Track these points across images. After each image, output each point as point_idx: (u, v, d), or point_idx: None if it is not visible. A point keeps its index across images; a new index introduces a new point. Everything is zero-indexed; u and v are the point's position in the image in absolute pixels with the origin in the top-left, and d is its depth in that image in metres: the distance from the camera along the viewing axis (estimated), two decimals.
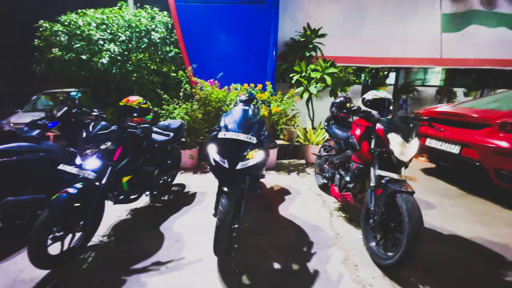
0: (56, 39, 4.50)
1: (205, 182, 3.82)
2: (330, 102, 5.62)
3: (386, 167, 2.02)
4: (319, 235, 2.36)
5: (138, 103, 2.41)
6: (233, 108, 2.20)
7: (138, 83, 4.85)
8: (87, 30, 4.44)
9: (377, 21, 5.92)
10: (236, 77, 4.74)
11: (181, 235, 2.39)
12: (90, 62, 4.40)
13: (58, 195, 1.81)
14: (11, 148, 2.32)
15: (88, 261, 2.04)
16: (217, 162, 1.93)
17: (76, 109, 3.14)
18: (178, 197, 3.30)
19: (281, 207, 2.94)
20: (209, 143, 2.07)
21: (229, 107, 4.30)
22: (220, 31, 4.88)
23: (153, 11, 5.07)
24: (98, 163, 1.98)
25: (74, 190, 1.87)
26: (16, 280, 1.83)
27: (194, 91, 4.39)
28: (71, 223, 1.95)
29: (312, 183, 3.66)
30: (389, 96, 2.32)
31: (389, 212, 1.92)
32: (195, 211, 2.88)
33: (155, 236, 2.38)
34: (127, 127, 2.17)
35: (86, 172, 1.91)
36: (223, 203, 1.82)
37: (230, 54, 4.92)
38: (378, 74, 7.49)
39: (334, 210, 2.86)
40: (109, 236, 2.38)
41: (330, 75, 4.68)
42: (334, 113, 3.07)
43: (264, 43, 4.88)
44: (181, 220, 2.68)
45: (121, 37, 4.56)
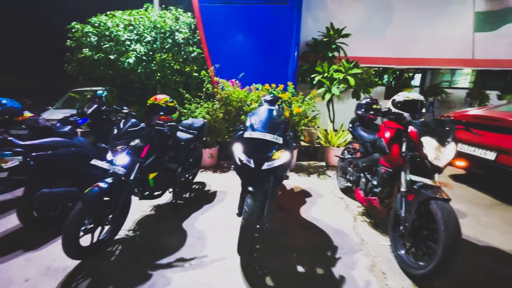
0: (86, 40, 4.71)
1: (225, 181, 3.85)
2: (351, 103, 5.53)
3: (418, 172, 1.93)
4: (343, 240, 2.29)
5: (165, 101, 2.46)
6: (259, 108, 2.19)
7: (161, 83, 4.97)
8: (116, 31, 4.61)
9: (403, 20, 5.70)
10: (257, 77, 4.73)
11: (203, 232, 2.41)
12: (117, 62, 4.57)
13: (90, 189, 1.88)
14: (47, 143, 2.45)
15: (115, 253, 2.10)
16: (243, 162, 1.92)
17: (105, 107, 3.27)
18: (199, 195, 3.34)
19: (303, 209, 2.89)
20: (234, 143, 2.07)
21: (249, 107, 4.31)
22: (242, 31, 4.89)
23: (178, 12, 5.17)
24: (127, 159, 2.04)
25: (105, 185, 1.93)
26: (50, 268, 1.92)
27: (216, 91, 4.43)
28: (101, 216, 2.02)
29: (333, 186, 3.58)
30: (421, 98, 2.22)
31: (421, 219, 1.83)
32: (216, 210, 2.89)
33: (178, 232, 2.42)
34: (154, 125, 2.22)
35: (117, 167, 1.97)
36: (248, 203, 1.81)
37: (252, 54, 4.92)
38: (402, 75, 7.21)
39: (358, 214, 2.77)
40: (134, 231, 2.45)
41: (353, 76, 4.57)
42: (359, 115, 2.98)
43: (286, 43, 4.84)
44: (203, 218, 2.70)
45: (147, 37, 4.69)
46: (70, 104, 6.25)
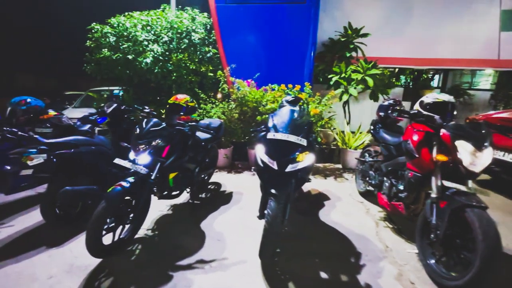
0: (105, 40, 4.79)
1: (240, 182, 3.82)
2: (368, 105, 5.41)
3: (449, 177, 1.83)
4: (367, 246, 2.21)
5: (186, 101, 2.45)
6: (281, 109, 2.14)
7: (177, 82, 5.00)
8: (134, 31, 4.67)
9: (423, 19, 5.51)
10: (272, 77, 4.69)
11: (222, 234, 2.38)
12: (135, 62, 4.62)
13: (113, 188, 1.88)
14: (70, 141, 2.48)
15: (136, 253, 2.10)
16: (265, 163, 1.88)
17: (124, 106, 3.31)
18: (215, 196, 3.32)
19: (322, 212, 2.82)
20: (256, 144, 2.04)
21: (265, 108, 4.27)
22: (258, 31, 4.86)
23: (194, 13, 5.20)
24: (149, 159, 2.04)
25: (127, 184, 1.93)
26: (73, 266, 1.93)
27: (232, 91, 4.41)
28: (122, 215, 2.02)
29: (352, 189, 3.48)
30: (452, 100, 2.11)
31: (453, 228, 1.73)
32: (233, 211, 2.86)
33: (196, 233, 2.40)
34: (175, 125, 2.21)
35: (139, 167, 1.97)
36: (272, 206, 1.77)
37: (267, 55, 4.88)
38: (420, 76, 6.99)
39: (380, 219, 2.68)
40: (153, 230, 2.45)
41: (371, 76, 4.45)
42: (381, 117, 2.89)
43: (303, 43, 4.77)
44: (220, 219, 2.68)
45: (164, 38, 4.73)
46: (88, 103, 6.39)
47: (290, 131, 1.90)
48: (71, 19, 15.47)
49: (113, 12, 5.17)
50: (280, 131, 1.91)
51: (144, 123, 2.10)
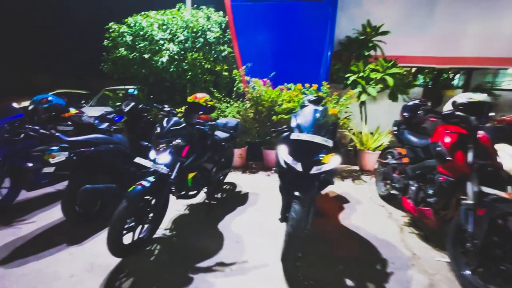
0: (122, 40, 4.84)
1: (255, 182, 3.76)
2: (386, 105, 5.24)
3: (486, 182, 1.71)
4: (392, 253, 2.11)
5: (205, 100, 2.42)
6: (304, 109, 2.06)
7: (191, 82, 4.99)
8: (150, 30, 4.69)
9: (446, 16, 5.28)
10: (288, 76, 4.60)
11: (240, 236, 2.33)
12: (151, 61, 4.65)
13: (133, 187, 1.86)
14: (90, 139, 2.49)
15: (155, 253, 2.08)
16: (289, 165, 1.81)
17: (142, 105, 3.31)
18: (231, 196, 3.28)
19: (342, 216, 2.73)
20: (279, 144, 1.97)
21: (281, 107, 4.19)
22: (274, 30, 4.78)
23: (209, 12, 5.18)
24: (169, 158, 2.01)
25: (148, 183, 1.91)
26: (93, 264, 1.93)
27: (247, 90, 4.36)
28: (142, 215, 2.00)
29: (371, 192, 3.36)
30: (488, 100, 1.98)
31: (492, 236, 1.61)
32: (250, 212, 2.81)
33: (214, 234, 2.36)
34: (195, 124, 2.18)
35: (160, 166, 1.94)
36: (296, 209, 1.70)
37: (283, 54, 4.80)
38: (440, 75, 6.73)
39: (404, 225, 2.56)
40: (171, 230, 2.43)
41: (391, 75, 4.30)
42: (406, 117, 2.76)
43: (320, 42, 4.66)
44: (238, 220, 2.63)
45: (180, 37, 4.73)
46: (104, 102, 6.48)
47: (315, 132, 1.83)
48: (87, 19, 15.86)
49: (130, 12, 5.21)
50: (305, 131, 1.84)
51: (165, 122, 2.07)
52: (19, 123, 2.70)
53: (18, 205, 2.86)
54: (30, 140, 2.66)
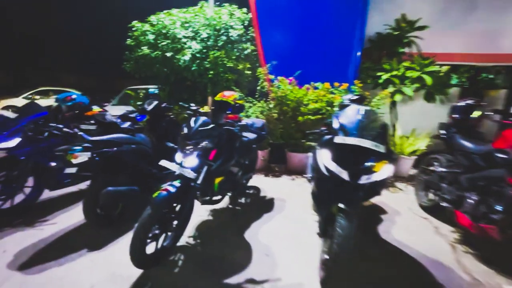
0: (145, 38, 4.79)
1: (279, 186, 3.55)
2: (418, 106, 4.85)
3: None
4: (448, 276, 1.82)
5: (234, 99, 2.23)
6: (347, 109, 1.83)
7: (213, 81, 4.86)
8: (173, 28, 4.60)
9: (489, 9, 4.82)
10: (314, 75, 4.34)
11: (269, 248, 2.12)
12: (173, 60, 4.56)
13: (158, 193, 1.71)
14: (113, 139, 2.38)
15: (178, 264, 1.92)
16: (332, 173, 1.58)
17: (165, 104, 3.19)
18: (255, 201, 3.08)
19: (381, 228, 2.45)
20: (319, 148, 1.75)
21: (307, 107, 3.95)
22: (300, 26, 4.54)
23: (232, 8, 5.03)
24: (196, 162, 1.84)
25: (173, 189, 1.75)
26: (114, 274, 1.79)
27: (271, 89, 4.16)
28: (166, 222, 1.85)
29: (410, 202, 3.04)
30: None
31: None
32: (278, 220, 2.60)
33: (241, 244, 2.17)
34: (223, 124, 2.00)
35: (186, 170, 1.77)
36: (342, 224, 1.47)
37: (309, 51, 4.54)
38: (478, 74, 6.19)
39: (455, 242, 2.25)
40: (195, 238, 2.26)
41: (429, 74, 3.94)
42: (457, 120, 2.44)
43: (349, 38, 4.37)
44: (265, 229, 2.42)
45: (202, 34, 4.60)
46: (126, 101, 6.51)
47: (363, 135, 1.59)
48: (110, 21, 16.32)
49: (152, 11, 5.16)
50: (351, 134, 1.61)
51: (192, 121, 1.90)
52: (43, 121, 2.65)
53: (41, 204, 2.82)
54: (54, 138, 2.60)
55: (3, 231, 2.31)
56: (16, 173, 2.52)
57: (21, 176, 2.53)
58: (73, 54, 22.34)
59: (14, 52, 18.79)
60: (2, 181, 2.48)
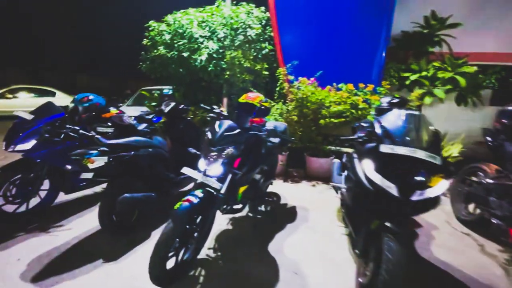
0: (161, 38, 4.71)
1: (300, 193, 3.36)
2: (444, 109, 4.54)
3: None
4: None
5: (260, 101, 2.07)
6: (390, 113, 1.63)
7: (229, 81, 4.73)
8: (190, 28, 4.49)
9: None
10: (335, 76, 4.13)
11: (298, 265, 1.94)
12: (189, 60, 4.45)
13: (180, 204, 1.56)
14: (130, 143, 2.26)
15: (199, 281, 1.76)
16: (377, 186, 1.39)
17: (183, 105, 3.07)
18: (276, 210, 2.91)
19: (419, 245, 2.22)
20: (357, 157, 1.56)
21: (329, 110, 3.75)
22: (321, 25, 4.35)
23: (250, 7, 4.87)
24: (221, 170, 1.68)
25: (196, 199, 1.60)
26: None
27: (292, 90, 3.97)
28: (188, 235, 1.70)
29: (446, 214, 2.78)
30: None
31: None
32: (304, 232, 2.41)
33: (266, 259, 2.00)
34: (249, 129, 1.83)
35: (211, 180, 1.61)
36: (392, 247, 1.27)
37: (331, 51, 4.34)
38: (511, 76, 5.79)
39: (507, 264, 2.00)
40: (215, 250, 2.10)
41: (462, 75, 3.66)
42: (507, 125, 2.19)
43: (373, 37, 4.14)
44: (291, 242, 2.24)
45: (220, 34, 4.47)
46: (140, 101, 6.47)
47: (414, 144, 1.39)
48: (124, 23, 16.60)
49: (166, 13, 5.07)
50: (400, 143, 1.41)
51: (217, 126, 1.75)
52: (60, 122, 2.56)
53: (55, 207, 2.74)
54: (70, 141, 2.51)
55: (18, 236, 2.22)
56: (31, 176, 2.45)
57: (36, 179, 2.45)
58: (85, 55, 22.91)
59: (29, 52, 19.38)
60: (17, 184, 2.41)
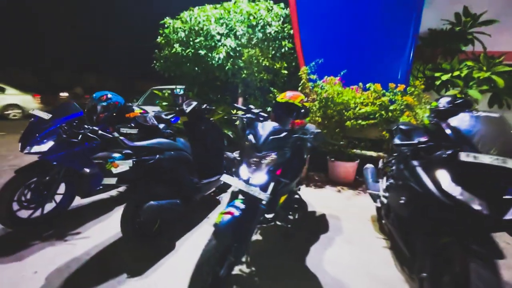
0: (177, 35, 4.55)
1: (326, 200, 3.16)
2: None
3: None
4: None
5: (301, 100, 1.87)
6: (462, 115, 1.42)
7: (246, 81, 4.55)
8: (207, 25, 4.32)
9: None
10: (358, 76, 3.92)
11: (343, 284, 1.74)
12: (206, 58, 4.28)
13: (221, 217, 1.37)
14: (154, 145, 2.09)
15: None
16: (458, 201, 1.18)
17: (205, 105, 2.89)
18: (304, 218, 2.70)
19: None
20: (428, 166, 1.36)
21: (355, 111, 3.54)
22: (345, 22, 4.14)
23: (269, 3, 4.69)
24: (265, 178, 1.48)
25: (238, 211, 1.41)
26: None
27: (316, 90, 3.77)
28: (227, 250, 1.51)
29: None
30: None
31: None
32: (340, 245, 2.21)
33: (306, 275, 1.81)
34: (294, 132, 1.64)
35: (255, 190, 1.41)
36: (484, 276, 1.07)
37: (355, 49, 4.13)
38: None
39: None
40: (249, 265, 1.91)
41: (499, 75, 3.43)
42: None
43: (401, 35, 3.91)
44: (330, 256, 2.04)
45: (238, 31, 4.29)
46: (151, 101, 6.32)
47: (501, 152, 1.18)
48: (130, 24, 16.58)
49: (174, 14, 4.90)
50: (482, 150, 1.20)
51: (260, 128, 1.55)
52: (77, 122, 2.40)
53: (71, 212, 2.58)
54: (88, 142, 2.34)
55: (33, 245, 2.06)
56: (47, 179, 2.28)
57: (53, 182, 2.29)
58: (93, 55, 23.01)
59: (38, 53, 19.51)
60: (32, 188, 2.25)
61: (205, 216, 2.67)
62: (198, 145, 2.76)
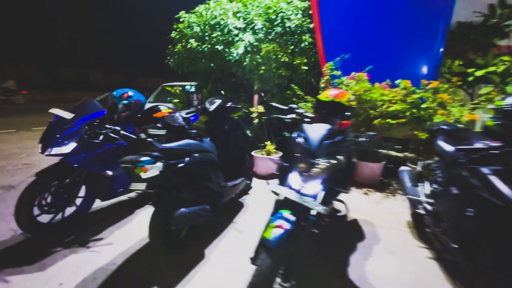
0: (192, 30, 4.38)
1: (355, 203, 2.96)
2: None
3: None
4: None
5: (348, 99, 1.69)
6: None
7: (263, 77, 4.36)
8: (225, 18, 4.14)
9: None
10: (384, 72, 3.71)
11: None
12: (223, 53, 4.11)
13: (271, 232, 1.22)
14: (183, 147, 1.94)
15: None
16: None
17: (230, 103, 2.74)
18: (336, 223, 2.55)
19: None
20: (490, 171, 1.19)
21: (383, 109, 3.35)
22: (370, 15, 3.93)
23: None
24: (319, 188, 1.32)
25: (289, 225, 1.26)
26: None
27: (341, 87, 3.58)
28: None
29: None
30: None
31: None
32: (381, 255, 2.05)
33: None
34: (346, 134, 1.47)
35: (309, 200, 1.26)
36: None
37: (380, 45, 3.91)
38: None
39: None
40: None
41: None
42: None
43: (431, 28, 3.68)
44: (372, 268, 1.88)
45: (257, 25, 4.10)
46: (163, 98, 6.18)
47: None
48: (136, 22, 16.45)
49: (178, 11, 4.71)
50: None
51: (312, 131, 1.39)
52: (99, 122, 2.26)
53: (90, 216, 2.47)
54: (109, 143, 2.21)
55: (55, 252, 1.95)
56: (67, 182, 2.16)
57: (74, 185, 2.16)
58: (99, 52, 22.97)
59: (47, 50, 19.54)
60: (52, 191, 2.12)
61: (230, 220, 2.53)
62: (220, 146, 2.61)
